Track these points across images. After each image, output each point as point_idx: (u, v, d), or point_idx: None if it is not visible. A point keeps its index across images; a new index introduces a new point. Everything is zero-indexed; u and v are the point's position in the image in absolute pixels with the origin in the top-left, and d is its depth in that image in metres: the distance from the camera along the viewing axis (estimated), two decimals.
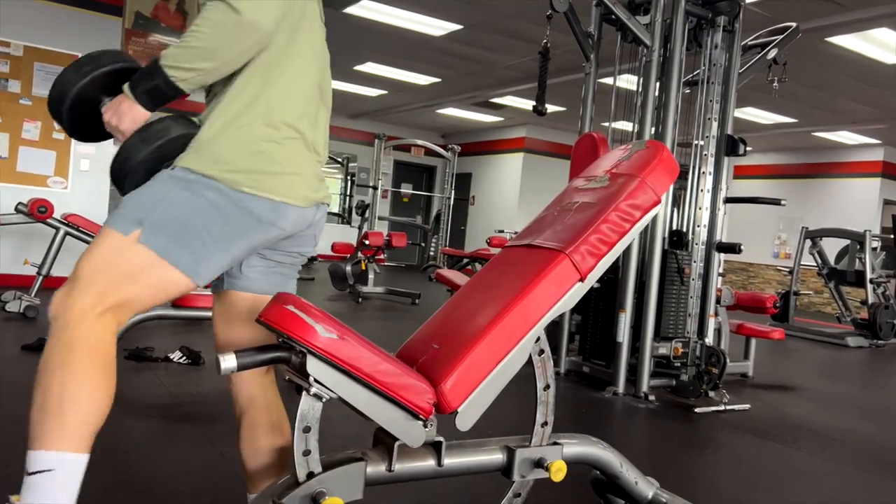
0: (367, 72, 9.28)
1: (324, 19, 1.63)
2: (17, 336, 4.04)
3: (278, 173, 1.43)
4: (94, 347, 1.36)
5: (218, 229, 1.39)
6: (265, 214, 1.42)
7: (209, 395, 3.28)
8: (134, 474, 2.23)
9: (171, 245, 1.37)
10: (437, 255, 11.66)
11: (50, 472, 1.31)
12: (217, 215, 1.39)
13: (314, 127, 1.52)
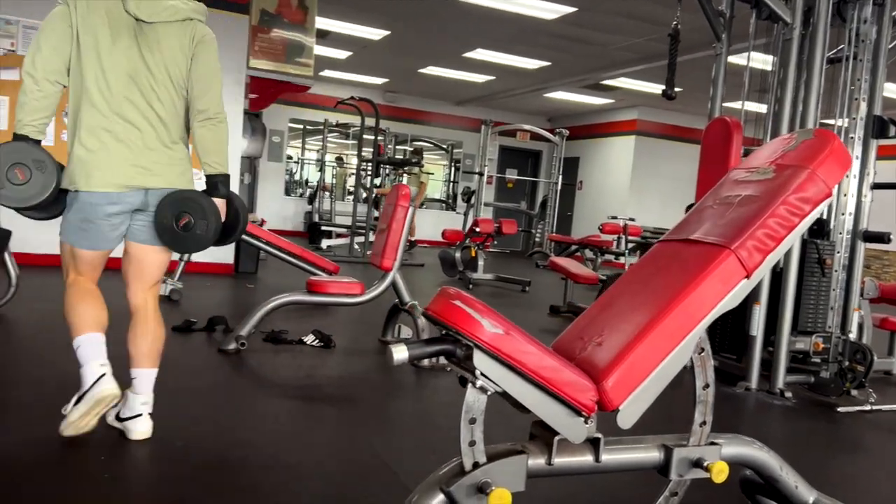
0: (476, 58, 9.29)
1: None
2: (164, 318, 4.36)
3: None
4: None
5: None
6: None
7: (344, 378, 3.43)
8: (286, 451, 2.36)
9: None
10: (543, 241, 11.57)
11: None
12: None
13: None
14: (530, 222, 13.05)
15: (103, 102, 2.18)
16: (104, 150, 2.17)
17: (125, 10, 2.19)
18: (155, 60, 2.24)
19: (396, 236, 3.74)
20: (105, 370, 2.22)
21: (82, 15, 2.16)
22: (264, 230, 5.68)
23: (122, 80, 2.20)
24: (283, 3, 6.60)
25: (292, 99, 10.89)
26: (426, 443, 2.59)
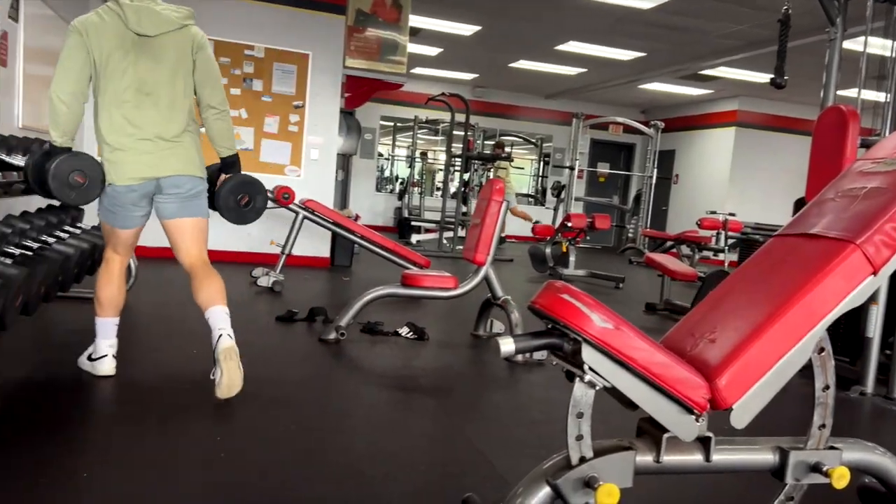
0: (568, 51, 9.16)
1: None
2: (268, 308, 4.58)
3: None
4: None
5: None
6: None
7: (439, 370, 3.49)
8: (386, 439, 2.43)
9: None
10: (636, 237, 11.28)
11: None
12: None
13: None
14: (623, 217, 12.75)
15: (119, 114, 2.60)
16: (123, 152, 2.61)
17: (128, 28, 2.56)
18: (161, 68, 2.63)
19: (489, 231, 3.76)
20: (111, 351, 2.77)
21: (95, 39, 2.54)
22: (359, 225, 5.83)
23: (135, 91, 2.60)
24: (377, 3, 6.74)
25: (383, 96, 11.10)
26: (523, 437, 2.59)
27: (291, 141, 6.66)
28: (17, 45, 4.18)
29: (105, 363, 2.75)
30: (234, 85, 6.44)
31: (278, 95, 6.56)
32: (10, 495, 1.77)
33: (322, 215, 5.55)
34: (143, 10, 2.58)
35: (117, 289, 2.79)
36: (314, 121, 6.67)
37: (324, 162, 6.76)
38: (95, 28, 2.55)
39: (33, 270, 2.35)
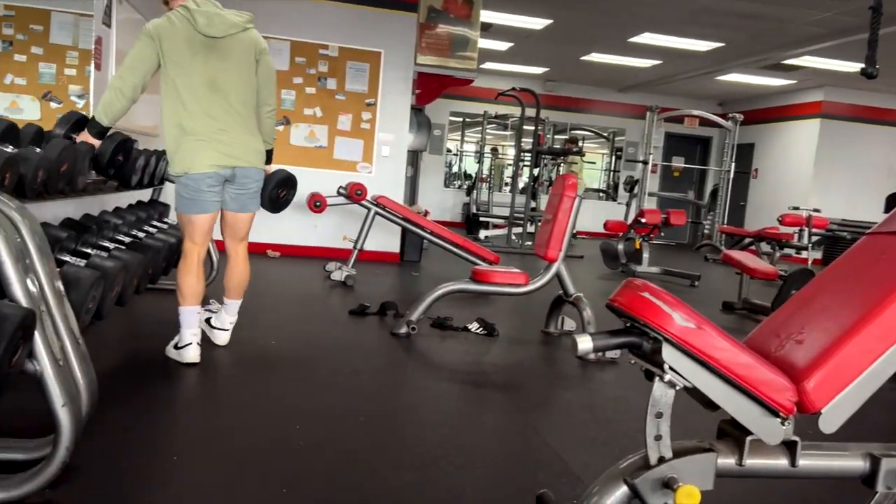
0: (643, 43, 8.94)
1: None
2: (341, 302, 4.69)
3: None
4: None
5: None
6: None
7: (509, 366, 3.49)
8: (459, 433, 2.46)
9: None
10: (712, 233, 10.93)
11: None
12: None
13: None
14: (698, 213, 12.38)
15: (197, 106, 2.81)
16: (204, 142, 2.83)
17: (197, 31, 2.77)
18: (229, 67, 2.86)
19: (562, 227, 3.72)
20: (196, 339, 2.92)
21: (167, 42, 2.75)
22: (429, 220, 5.89)
23: (207, 87, 2.81)
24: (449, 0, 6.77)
25: (453, 92, 11.13)
26: (596, 435, 2.57)
27: (363, 138, 6.78)
28: (109, 49, 4.42)
29: (190, 351, 2.89)
30: (308, 84, 6.61)
31: (351, 93, 6.69)
32: (102, 476, 1.89)
33: (393, 211, 5.63)
34: (211, 14, 2.82)
35: (197, 279, 2.95)
36: (385, 118, 6.77)
37: (394, 158, 6.85)
38: (167, 31, 2.76)
39: (127, 263, 2.49)
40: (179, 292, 2.92)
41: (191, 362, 2.89)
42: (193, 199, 2.88)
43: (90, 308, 2.11)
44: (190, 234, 2.94)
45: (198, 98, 2.81)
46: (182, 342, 2.91)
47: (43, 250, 1.82)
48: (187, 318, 2.91)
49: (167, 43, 2.76)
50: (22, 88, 4.56)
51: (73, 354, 1.85)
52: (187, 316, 2.91)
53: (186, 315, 2.91)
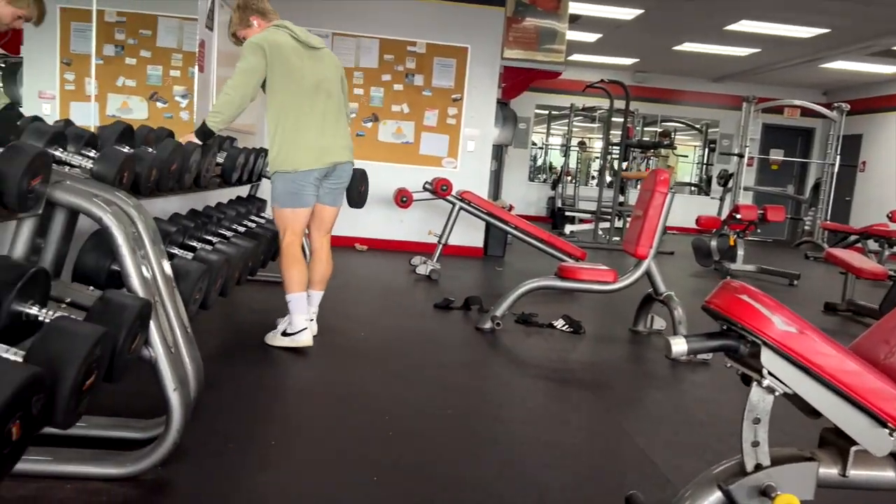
0: (740, 30, 8.56)
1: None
2: (425, 296, 4.76)
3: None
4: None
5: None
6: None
7: (596, 364, 3.45)
8: (544, 430, 2.46)
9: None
10: (814, 230, 10.35)
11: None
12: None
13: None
14: (798, 209, 11.75)
15: (303, 108, 3.03)
16: (309, 141, 3.05)
17: (300, 42, 3.03)
18: (328, 74, 3.13)
19: (653, 223, 3.63)
20: (308, 324, 3.10)
21: (276, 51, 2.96)
22: (513, 215, 5.88)
23: (313, 90, 3.05)
24: None
25: (539, 85, 11.02)
26: (687, 437, 2.51)
27: (449, 133, 6.83)
28: (211, 51, 4.66)
29: (304, 335, 3.07)
30: (396, 81, 6.72)
31: (438, 89, 6.75)
32: (207, 456, 2.01)
33: (478, 206, 5.65)
34: (303, 29, 3.10)
35: (303, 266, 3.13)
36: (471, 113, 6.79)
37: (479, 153, 6.87)
38: (275, 41, 2.98)
39: (230, 256, 2.63)
40: (287, 281, 3.08)
41: (305, 346, 3.06)
42: (298, 193, 3.06)
43: (197, 299, 2.24)
44: (292, 227, 3.11)
45: (304, 100, 3.03)
46: (294, 328, 3.07)
47: (156, 244, 1.96)
48: (298, 304, 3.06)
49: (276, 51, 2.96)
50: (132, 90, 4.87)
51: (182, 342, 1.98)
52: (298, 302, 3.06)
53: (297, 301, 3.06)
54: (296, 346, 3.07)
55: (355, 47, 6.63)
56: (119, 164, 2.03)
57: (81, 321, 1.44)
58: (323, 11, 6.49)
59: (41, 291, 1.58)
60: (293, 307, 3.08)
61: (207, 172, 3.04)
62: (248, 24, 3.13)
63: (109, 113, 4.68)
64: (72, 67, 4.64)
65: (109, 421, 2.06)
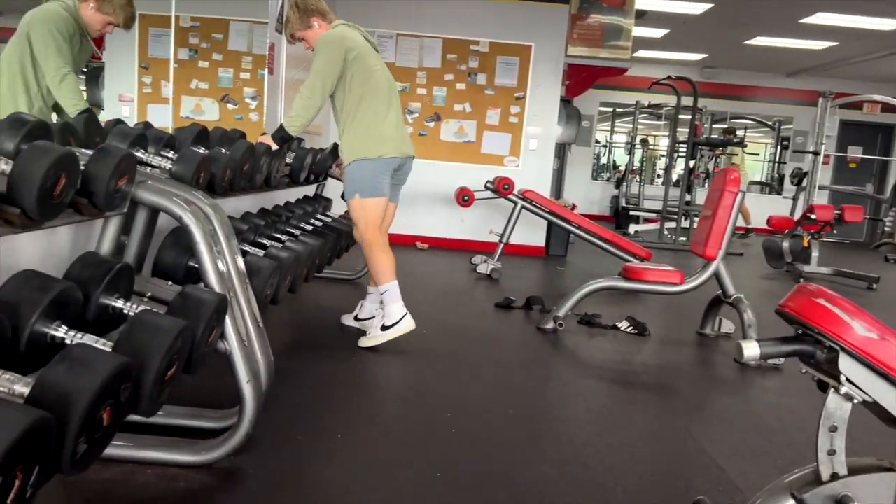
0: (816, 23, 8.22)
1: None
2: (486, 295, 4.77)
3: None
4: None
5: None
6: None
7: (662, 367, 3.39)
8: (607, 431, 2.43)
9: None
10: (894, 230, 9.83)
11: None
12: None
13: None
14: (878, 208, 11.19)
15: (380, 100, 3.12)
16: (389, 131, 3.13)
17: (368, 42, 3.18)
18: (388, 72, 3.23)
19: (722, 223, 3.54)
20: (406, 311, 3.12)
21: (354, 51, 3.04)
22: (576, 214, 5.82)
23: (385, 85, 3.15)
24: None
25: (603, 82, 10.85)
26: (756, 444, 2.43)
27: (511, 132, 6.82)
28: (280, 54, 4.79)
29: (407, 319, 3.11)
30: (459, 80, 6.74)
31: (500, 88, 6.74)
32: (276, 446, 2.08)
33: (540, 205, 5.62)
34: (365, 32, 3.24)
35: (391, 254, 3.16)
36: (534, 111, 6.76)
37: (542, 152, 6.83)
38: (353, 40, 3.07)
39: (299, 254, 2.70)
40: (378, 272, 3.12)
41: (411, 329, 3.11)
42: (379, 182, 3.11)
43: (268, 294, 2.32)
44: (373, 218, 3.12)
45: (381, 96, 3.12)
46: (394, 318, 3.09)
47: (231, 241, 2.04)
48: (393, 293, 3.10)
49: (355, 49, 3.04)
50: (204, 92, 5.06)
51: (254, 336, 2.05)
52: (392, 291, 3.10)
53: (392, 290, 3.10)
54: (400, 335, 3.09)
55: (419, 47, 6.69)
56: (196, 165, 2.12)
57: (164, 315, 1.51)
58: (387, 13, 6.58)
59: (126, 286, 1.67)
60: (388, 297, 3.09)
61: (277, 172, 3.14)
62: (309, 25, 3.14)
63: (183, 114, 4.88)
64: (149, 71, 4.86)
65: (184, 410, 2.15)
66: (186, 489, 1.79)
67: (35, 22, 2.79)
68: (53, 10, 2.81)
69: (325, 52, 3.02)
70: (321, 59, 3.02)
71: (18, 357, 1.31)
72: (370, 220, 3.12)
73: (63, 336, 1.37)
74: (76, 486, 1.74)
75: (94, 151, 1.64)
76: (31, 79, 2.84)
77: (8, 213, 1.35)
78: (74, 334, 1.38)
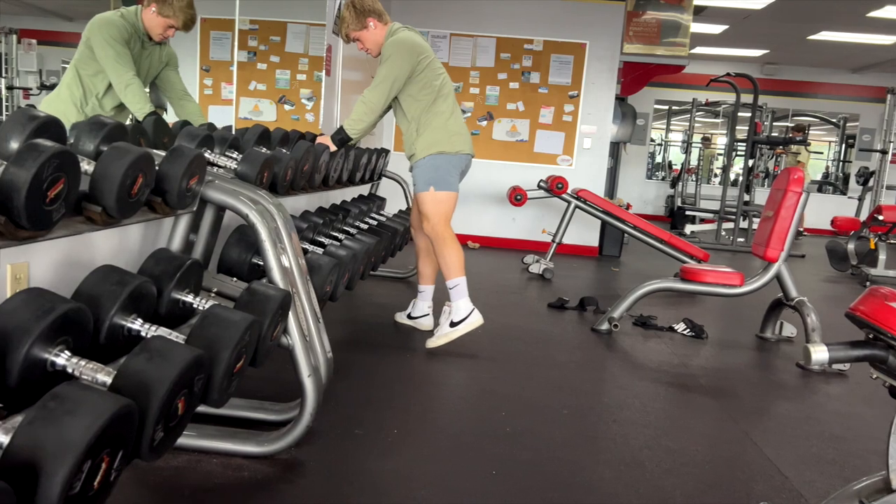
0: (885, 17, 7.89)
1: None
2: (538, 295, 4.75)
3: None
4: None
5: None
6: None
7: (721, 371, 3.32)
8: (665, 435, 2.40)
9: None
10: None
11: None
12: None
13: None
14: None
15: (450, 102, 3.21)
16: (462, 129, 3.24)
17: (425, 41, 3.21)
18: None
19: (785, 224, 3.44)
20: (473, 306, 3.14)
21: (423, 55, 3.08)
22: (631, 214, 5.74)
23: (450, 86, 3.24)
24: None
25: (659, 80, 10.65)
26: (820, 451, 2.37)
27: (565, 131, 6.76)
28: (337, 56, 4.87)
29: (476, 314, 3.13)
30: (512, 79, 6.73)
31: (554, 86, 6.70)
32: (331, 442, 2.12)
33: (594, 205, 5.56)
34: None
35: (461, 249, 3.19)
36: (588, 110, 6.69)
37: (596, 151, 6.75)
38: (420, 45, 3.12)
39: (357, 252, 2.75)
40: (449, 267, 3.11)
41: (480, 324, 3.14)
42: (452, 176, 3.17)
43: (327, 291, 2.37)
44: (445, 212, 3.17)
45: (449, 95, 3.20)
46: (463, 313, 3.11)
47: (293, 239, 2.09)
48: (461, 287, 3.11)
49: (424, 53, 3.10)
50: (262, 93, 5.18)
51: (315, 331, 2.10)
52: (461, 286, 3.11)
53: (461, 285, 3.11)
54: (471, 330, 3.11)
55: (472, 47, 6.70)
56: (260, 165, 2.19)
57: (234, 310, 1.57)
58: (441, 13, 6.62)
59: (195, 281, 1.74)
60: (457, 292, 3.11)
61: (335, 172, 3.20)
62: (365, 25, 3.11)
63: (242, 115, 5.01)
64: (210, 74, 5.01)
65: (246, 402, 2.22)
66: (250, 478, 1.85)
67: (93, 32, 2.84)
68: (109, 18, 2.86)
69: (397, 58, 3.03)
70: (392, 66, 3.03)
71: (98, 348, 1.38)
72: (442, 213, 3.15)
73: (139, 329, 1.44)
74: (148, 473, 1.82)
75: (167, 152, 1.71)
76: (86, 84, 2.90)
77: (90, 212, 1.42)
78: (149, 327, 1.45)
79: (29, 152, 1.20)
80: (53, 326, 1.17)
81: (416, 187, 3.20)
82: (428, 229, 3.18)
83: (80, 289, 1.40)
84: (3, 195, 1.18)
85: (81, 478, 0.94)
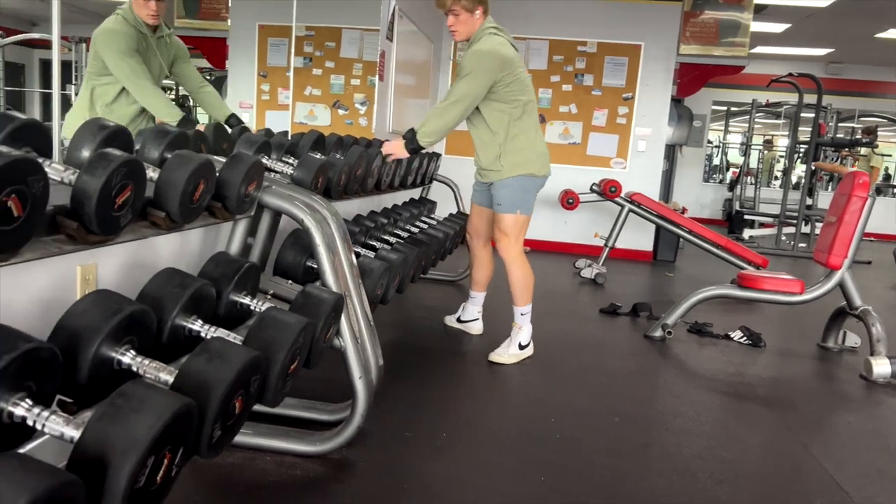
0: None
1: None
2: (590, 300, 4.70)
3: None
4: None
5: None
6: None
7: (778, 381, 3.22)
8: (719, 445, 2.35)
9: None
10: None
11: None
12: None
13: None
14: None
15: (533, 116, 3.10)
16: (545, 150, 3.18)
17: (516, 51, 3.05)
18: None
19: (849, 230, 3.32)
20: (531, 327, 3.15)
21: (509, 68, 2.92)
22: (687, 218, 5.62)
23: (534, 101, 3.11)
24: None
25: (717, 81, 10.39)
26: (885, 467, 2.27)
27: (618, 133, 6.68)
28: (390, 61, 4.94)
29: (531, 345, 3.19)
30: (565, 82, 6.68)
31: (608, 88, 6.62)
32: (381, 443, 2.15)
33: (649, 209, 5.48)
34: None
35: (532, 274, 3.20)
36: (642, 112, 6.59)
37: (651, 153, 6.64)
38: (508, 57, 2.94)
39: (407, 256, 2.78)
40: (523, 290, 3.14)
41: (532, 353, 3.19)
42: (534, 199, 3.17)
43: (378, 294, 2.41)
44: (522, 235, 3.18)
45: (532, 110, 3.08)
46: (527, 339, 3.16)
47: (346, 243, 2.13)
48: (529, 314, 3.17)
49: (510, 66, 2.93)
50: (317, 98, 5.28)
51: (366, 334, 2.14)
52: (530, 313, 3.17)
53: (529, 312, 3.16)
54: (528, 356, 3.16)
55: (525, 49, 6.67)
56: (315, 171, 2.24)
57: (289, 312, 1.61)
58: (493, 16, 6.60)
59: (253, 284, 1.80)
60: (526, 319, 3.15)
61: (387, 177, 3.24)
62: (472, 10, 2.96)
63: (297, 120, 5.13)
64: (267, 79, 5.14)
65: (299, 402, 2.27)
66: (302, 477, 1.90)
67: (100, 45, 2.82)
68: (111, 28, 2.81)
69: (480, 73, 2.88)
70: (475, 82, 2.88)
71: (160, 347, 1.44)
72: (520, 236, 3.17)
73: (199, 330, 1.50)
74: (206, 469, 1.89)
75: (227, 159, 1.77)
76: (96, 91, 2.89)
77: (155, 216, 1.48)
78: (209, 328, 1.50)
79: (99, 161, 1.26)
80: (120, 327, 1.22)
81: (501, 207, 3.11)
82: (504, 249, 3.15)
83: (145, 291, 1.47)
84: (75, 202, 1.25)
85: (146, 472, 0.98)
